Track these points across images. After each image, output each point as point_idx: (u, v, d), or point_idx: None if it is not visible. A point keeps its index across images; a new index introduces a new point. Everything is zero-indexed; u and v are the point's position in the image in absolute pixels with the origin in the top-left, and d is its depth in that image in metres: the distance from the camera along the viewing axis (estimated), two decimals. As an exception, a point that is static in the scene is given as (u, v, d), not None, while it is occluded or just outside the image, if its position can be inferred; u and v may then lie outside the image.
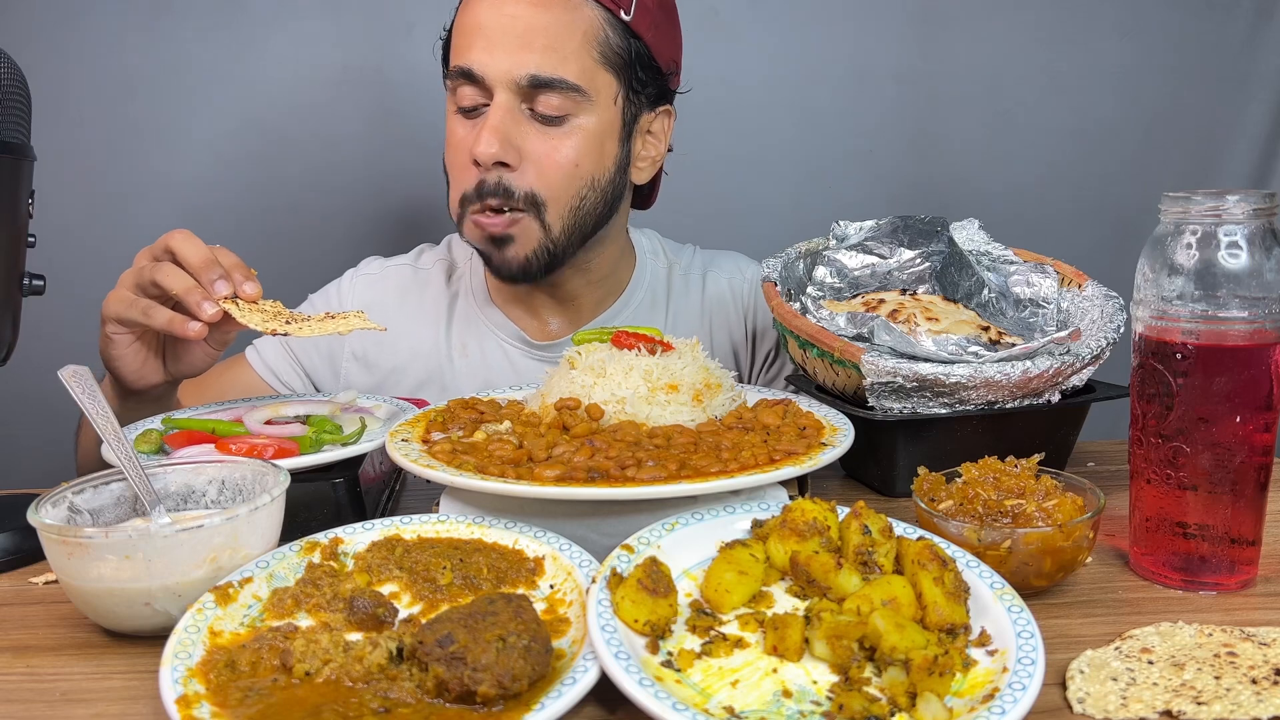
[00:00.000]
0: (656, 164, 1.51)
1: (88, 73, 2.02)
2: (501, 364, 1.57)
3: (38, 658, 0.83)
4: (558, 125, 1.36)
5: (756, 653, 0.74)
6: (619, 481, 0.90)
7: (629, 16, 1.37)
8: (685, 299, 1.64)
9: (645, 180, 1.51)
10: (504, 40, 1.32)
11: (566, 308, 1.57)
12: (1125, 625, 0.83)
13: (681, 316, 1.62)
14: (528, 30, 1.32)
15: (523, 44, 1.32)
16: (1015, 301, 1.32)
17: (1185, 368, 0.88)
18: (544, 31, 1.32)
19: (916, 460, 1.04)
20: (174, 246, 1.16)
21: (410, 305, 1.61)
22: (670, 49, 1.46)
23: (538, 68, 1.32)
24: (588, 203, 1.41)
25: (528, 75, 1.32)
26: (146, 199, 2.07)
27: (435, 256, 1.66)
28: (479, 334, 1.58)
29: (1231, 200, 0.85)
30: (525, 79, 1.32)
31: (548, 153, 1.36)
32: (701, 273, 1.66)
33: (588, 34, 1.35)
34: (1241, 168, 2.23)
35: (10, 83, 1.04)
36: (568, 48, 1.34)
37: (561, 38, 1.33)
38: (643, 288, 1.61)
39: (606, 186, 1.43)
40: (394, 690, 0.70)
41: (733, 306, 1.65)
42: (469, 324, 1.59)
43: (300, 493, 1.01)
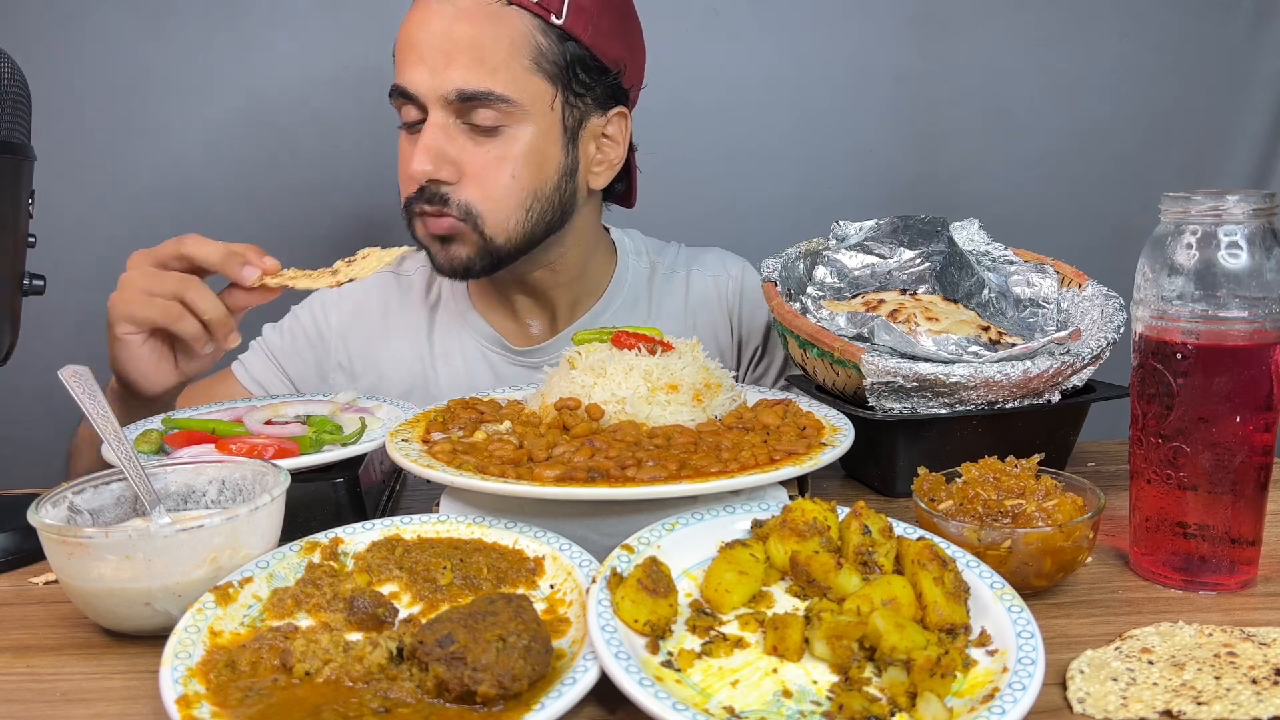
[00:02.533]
0: (615, 167, 1.48)
1: (88, 73, 2.02)
2: (483, 370, 1.56)
3: (38, 658, 0.83)
4: (493, 137, 1.35)
5: (756, 653, 0.74)
6: (619, 481, 0.90)
7: (561, 20, 1.34)
8: (668, 299, 1.63)
9: (602, 185, 1.48)
10: (431, 56, 1.31)
11: (543, 309, 1.57)
12: (1125, 625, 0.83)
13: (664, 317, 1.60)
14: (452, 45, 1.31)
15: (448, 59, 1.31)
16: (1015, 301, 1.32)
17: (1185, 368, 0.88)
18: (468, 45, 1.31)
19: (916, 460, 1.04)
20: (189, 252, 1.18)
21: (393, 313, 1.61)
22: (616, 48, 1.41)
23: (464, 82, 1.31)
24: (533, 213, 1.39)
25: (455, 90, 1.31)
26: (146, 199, 2.07)
27: (416, 263, 1.65)
28: (461, 341, 1.58)
29: (1231, 200, 0.85)
30: (454, 94, 1.31)
31: (484, 166, 1.35)
32: (685, 272, 1.65)
33: (515, 42, 1.33)
34: (1241, 168, 2.23)
35: (10, 83, 1.04)
36: (495, 59, 1.32)
37: (487, 49, 1.31)
38: (624, 288, 1.60)
39: (552, 194, 1.40)
40: (394, 690, 0.70)
41: (717, 306, 1.63)
42: (451, 331, 1.59)
43: (300, 493, 1.01)
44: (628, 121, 1.48)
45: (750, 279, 1.67)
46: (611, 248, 1.63)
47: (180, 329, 1.19)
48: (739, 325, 1.64)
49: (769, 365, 1.64)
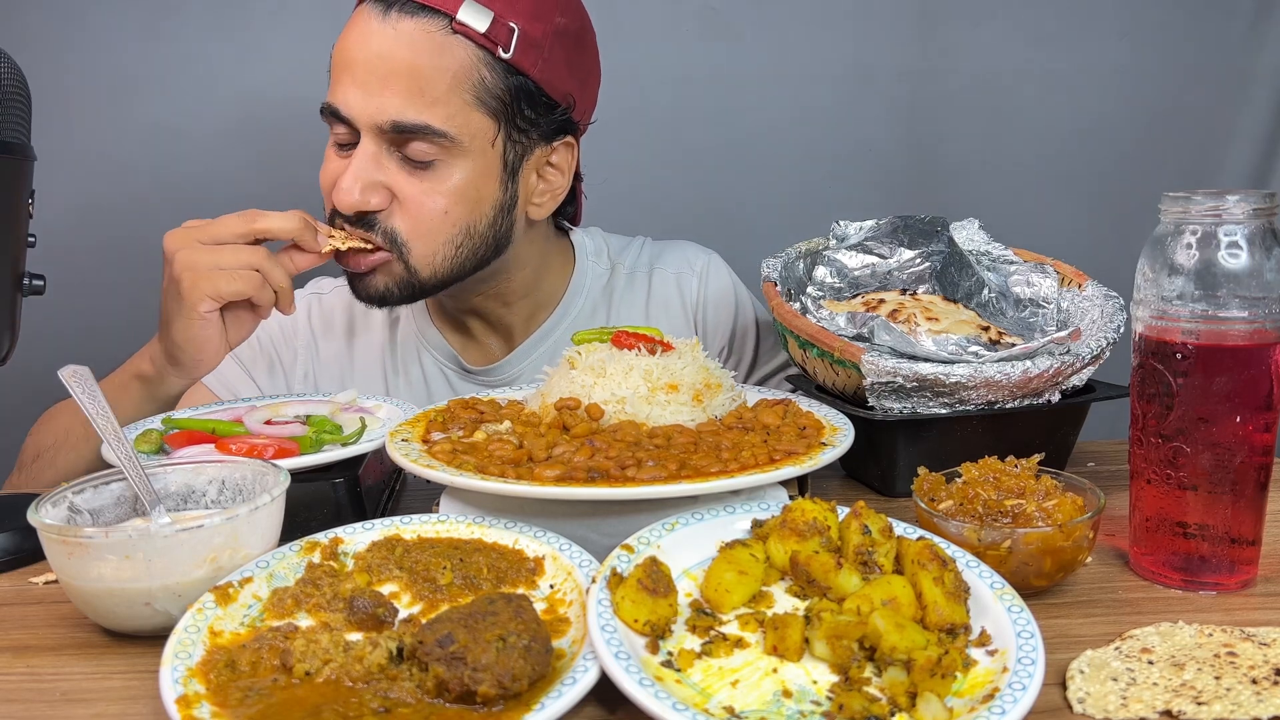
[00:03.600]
0: (559, 197, 1.42)
1: (88, 73, 2.02)
2: (441, 388, 1.54)
3: (38, 658, 0.83)
4: (426, 170, 1.28)
5: (756, 653, 0.74)
6: (619, 481, 0.90)
7: (509, 54, 1.26)
8: (629, 302, 1.57)
9: (544, 215, 1.42)
10: (369, 80, 1.24)
11: (496, 329, 1.53)
12: (1125, 625, 0.83)
13: (623, 322, 1.54)
14: (391, 72, 1.23)
15: (385, 86, 1.23)
16: (1015, 301, 1.32)
17: (1185, 368, 0.88)
18: (409, 74, 1.23)
19: (916, 460, 1.04)
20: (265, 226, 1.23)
21: (357, 326, 1.58)
22: (567, 81, 1.34)
23: (399, 113, 1.23)
24: (463, 249, 1.33)
25: (390, 121, 1.24)
26: (146, 199, 2.07)
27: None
28: (419, 357, 1.55)
29: (1231, 200, 0.85)
30: (388, 124, 1.24)
31: (414, 196, 1.28)
32: (647, 271, 1.59)
33: (459, 76, 1.25)
34: (1241, 168, 2.23)
35: (10, 83, 1.04)
36: (434, 91, 1.24)
37: (428, 81, 1.24)
38: (581, 297, 1.55)
39: (486, 231, 1.34)
40: (394, 690, 0.70)
41: (679, 307, 1.58)
42: (409, 347, 1.55)
43: (300, 493, 1.01)
44: (575, 151, 1.41)
45: (716, 277, 1.61)
46: (569, 252, 1.58)
47: (261, 298, 1.22)
48: (702, 324, 1.59)
49: (738, 363, 1.60)
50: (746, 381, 1.59)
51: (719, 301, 1.60)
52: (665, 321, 1.57)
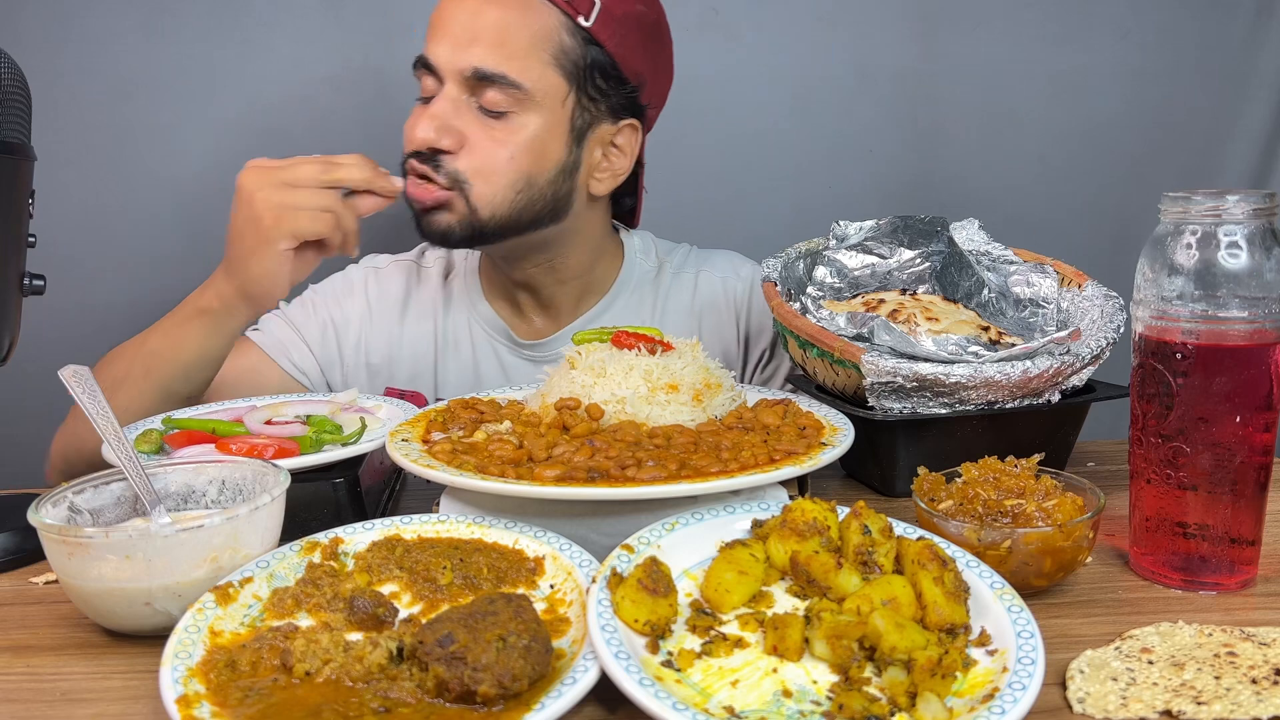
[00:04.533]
0: (619, 177, 1.49)
1: (88, 73, 2.02)
2: (490, 361, 1.60)
3: (38, 658, 0.83)
4: (499, 120, 1.37)
5: (756, 653, 0.74)
6: (619, 481, 0.90)
7: (589, 23, 1.37)
8: (676, 298, 1.63)
9: (603, 191, 1.49)
10: (456, 32, 1.35)
11: (544, 306, 1.59)
12: (1125, 625, 0.83)
13: (671, 316, 1.61)
14: (479, 24, 1.35)
15: (471, 37, 1.35)
16: (1015, 301, 1.32)
17: (1185, 368, 0.88)
18: (494, 26, 1.35)
19: (916, 460, 1.04)
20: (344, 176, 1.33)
21: (410, 300, 1.65)
22: (639, 62, 1.44)
23: (481, 61, 1.34)
24: (522, 198, 1.40)
25: (471, 67, 1.34)
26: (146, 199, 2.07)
27: (436, 255, 1.68)
28: (470, 330, 1.61)
29: (1231, 200, 0.85)
30: (470, 71, 1.34)
31: (484, 141, 1.37)
32: (694, 272, 1.65)
33: (539, 34, 1.36)
34: (1241, 168, 2.23)
35: (10, 83, 1.04)
36: (515, 45, 1.35)
37: (510, 34, 1.35)
38: (629, 288, 1.61)
39: (546, 187, 1.42)
40: (394, 690, 0.70)
41: (725, 307, 1.64)
42: (461, 320, 1.61)
43: (300, 493, 1.01)
44: (639, 136, 1.49)
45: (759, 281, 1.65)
46: (620, 249, 1.64)
47: (333, 239, 1.32)
48: (745, 327, 1.64)
49: (777, 367, 1.64)
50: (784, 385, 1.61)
51: (764, 307, 1.63)
52: (712, 320, 1.64)
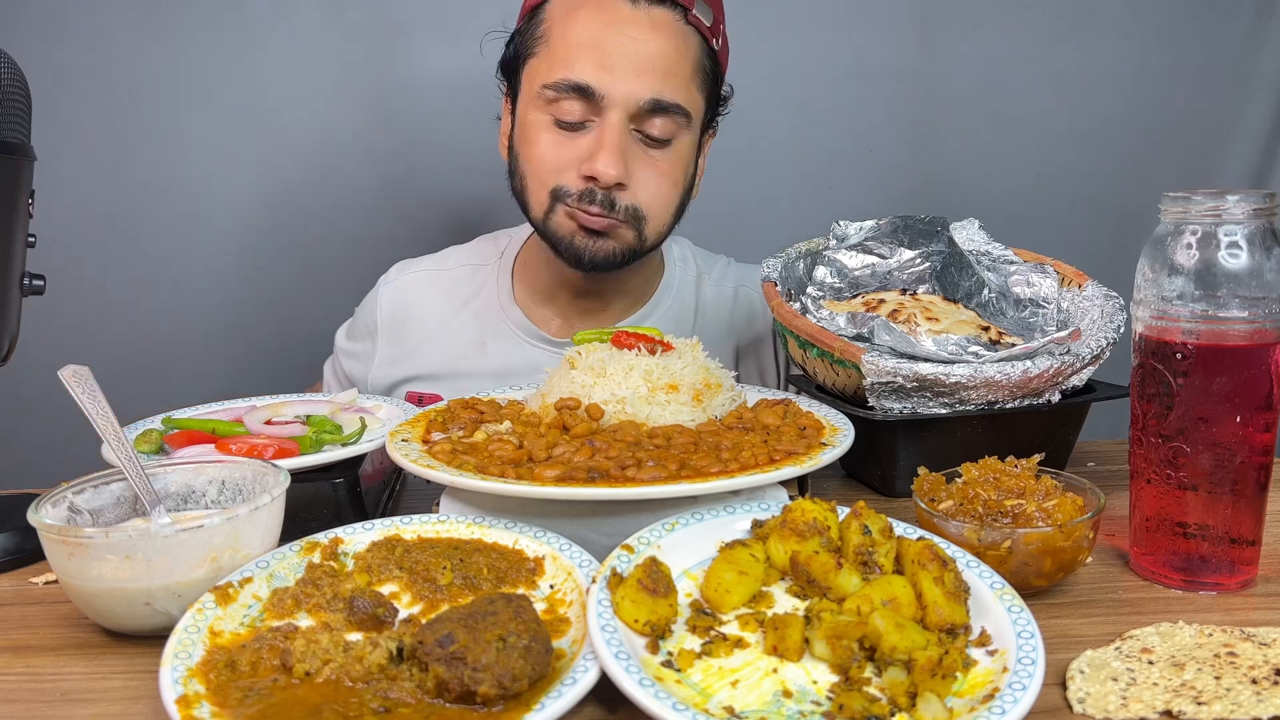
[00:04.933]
0: (700, 184, 1.55)
1: (88, 73, 2.02)
2: (519, 362, 1.58)
3: (38, 658, 0.83)
4: (662, 148, 1.40)
5: (756, 653, 0.74)
6: (619, 481, 0.90)
7: (718, 47, 1.43)
8: (715, 312, 1.64)
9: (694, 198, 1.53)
10: (624, 62, 1.34)
11: (597, 314, 1.58)
12: (1125, 625, 0.83)
13: (709, 330, 1.62)
14: (650, 54, 1.35)
15: (645, 67, 1.34)
16: (1015, 301, 1.32)
17: (1185, 368, 0.88)
18: (663, 56, 1.35)
19: (916, 460, 1.04)
20: None
21: (436, 307, 1.64)
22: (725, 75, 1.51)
23: (659, 92, 1.35)
24: (674, 220, 1.46)
25: (650, 99, 1.35)
26: (146, 199, 2.07)
27: (460, 260, 1.68)
28: (498, 332, 1.60)
29: (1231, 200, 0.85)
30: (647, 102, 1.35)
31: (654, 175, 1.39)
32: (734, 286, 1.67)
33: (693, 60, 1.39)
34: (1241, 168, 2.23)
35: (10, 83, 1.04)
36: (682, 73, 1.38)
37: (677, 63, 1.37)
38: (670, 295, 1.62)
39: (685, 202, 1.48)
40: (394, 690, 0.70)
41: (761, 318, 1.65)
42: (488, 323, 1.60)
43: (300, 493, 1.01)
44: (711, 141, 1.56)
45: None
46: (660, 255, 1.65)
47: None
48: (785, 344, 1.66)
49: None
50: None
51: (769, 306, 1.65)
52: (748, 330, 1.66)
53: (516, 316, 1.59)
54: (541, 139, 1.40)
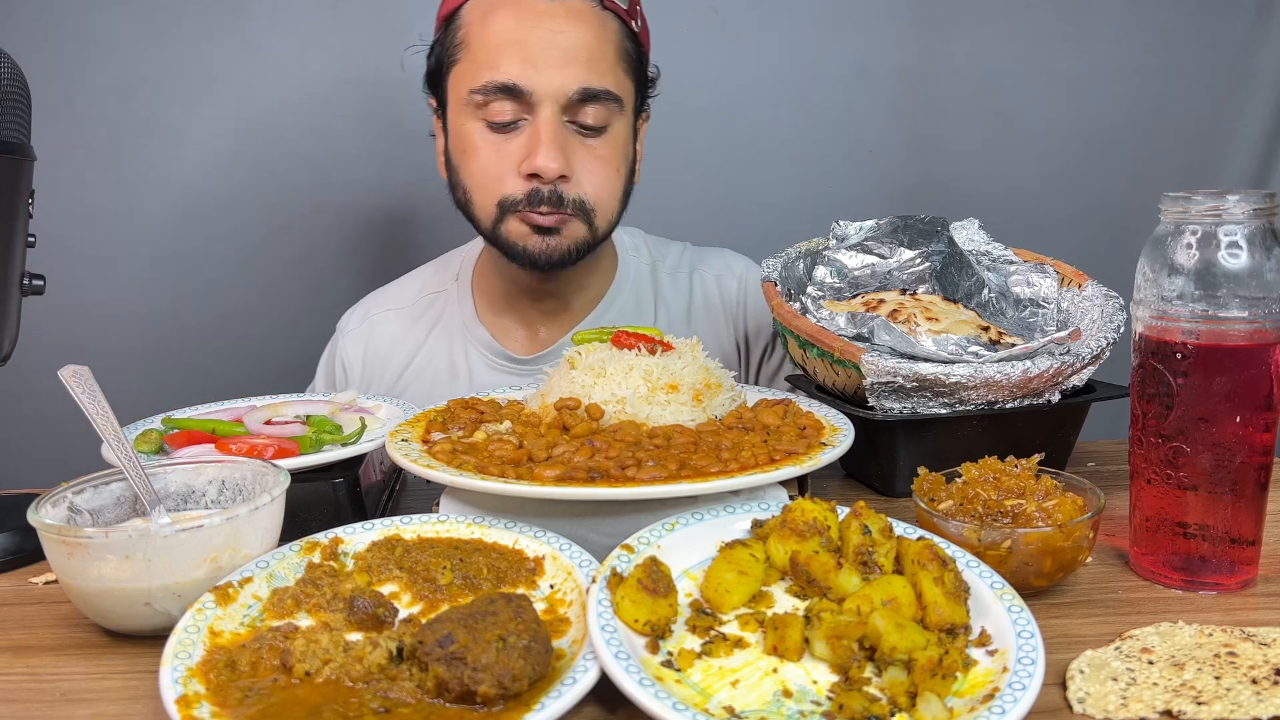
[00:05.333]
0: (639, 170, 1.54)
1: (88, 73, 2.02)
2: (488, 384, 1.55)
3: (38, 658, 0.83)
4: (599, 135, 1.39)
5: (756, 653, 0.74)
6: (619, 481, 0.90)
7: (637, 28, 1.43)
8: (673, 300, 1.63)
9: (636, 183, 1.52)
10: (548, 55, 1.34)
11: (559, 315, 1.57)
12: (1125, 625, 0.83)
13: (667, 317, 1.61)
14: (572, 45, 1.35)
15: (569, 58, 1.34)
16: (1015, 301, 1.32)
17: (1185, 367, 0.88)
18: (586, 45, 1.36)
19: (916, 460, 1.04)
20: None
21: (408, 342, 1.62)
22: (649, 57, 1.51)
23: (586, 81, 1.35)
24: (621, 207, 1.45)
25: (579, 89, 1.35)
26: (146, 199, 2.07)
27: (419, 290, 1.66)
28: (466, 354, 1.58)
29: (1231, 200, 0.85)
30: (576, 92, 1.35)
31: (594, 162, 1.39)
32: (689, 272, 1.66)
33: (615, 43, 1.39)
34: (1241, 168, 2.23)
35: (10, 83, 1.04)
36: (606, 59, 1.38)
37: (600, 49, 1.37)
38: (627, 287, 1.61)
39: (629, 188, 1.47)
40: (394, 690, 0.70)
41: (720, 308, 1.64)
42: (456, 345, 1.59)
43: (300, 493, 1.01)
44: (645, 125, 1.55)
45: (755, 278, 1.66)
46: (613, 246, 1.64)
47: None
48: (744, 325, 1.64)
49: (781, 363, 1.64)
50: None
51: (759, 299, 1.64)
52: (707, 322, 1.63)
53: (482, 335, 1.58)
54: (478, 147, 1.39)
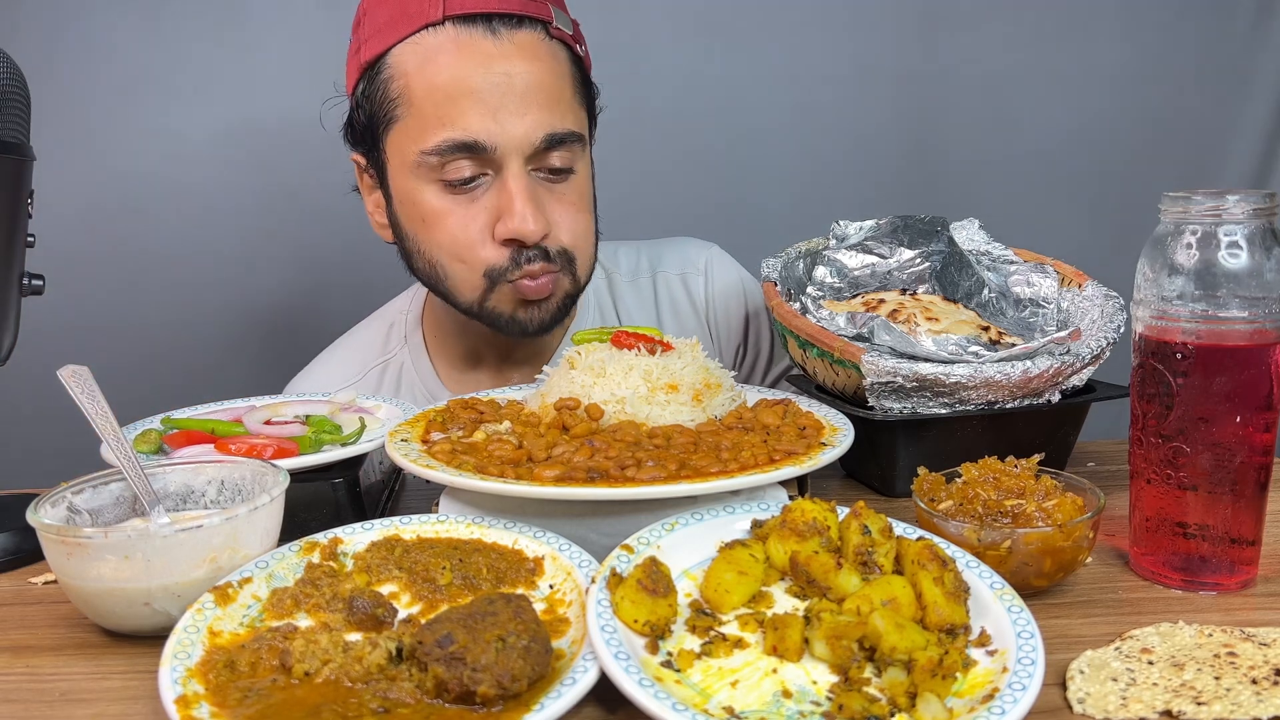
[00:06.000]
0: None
1: (88, 73, 2.02)
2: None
3: (38, 658, 0.83)
4: (565, 179, 1.28)
5: (756, 653, 0.74)
6: (619, 481, 0.90)
7: (582, 53, 1.32)
8: (636, 308, 1.55)
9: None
10: (506, 103, 1.20)
11: (530, 360, 1.47)
12: (1125, 625, 0.83)
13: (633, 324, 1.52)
14: (529, 87, 1.21)
15: (528, 103, 1.21)
16: (1015, 301, 1.32)
17: (1185, 367, 0.88)
18: (543, 86, 1.23)
19: (916, 460, 1.04)
20: None
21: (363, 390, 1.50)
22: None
23: (550, 126, 1.23)
24: (596, 245, 1.36)
25: (544, 136, 1.22)
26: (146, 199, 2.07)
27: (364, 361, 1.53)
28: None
29: (1231, 200, 0.85)
30: (542, 140, 1.23)
31: (565, 210, 1.28)
32: (650, 275, 1.57)
33: (569, 76, 1.28)
34: (1241, 168, 2.23)
35: (10, 82, 1.04)
36: (565, 97, 1.26)
37: (557, 87, 1.25)
38: (589, 311, 1.53)
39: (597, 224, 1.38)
40: (393, 690, 0.70)
41: (689, 308, 1.57)
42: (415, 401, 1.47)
43: (300, 493, 1.01)
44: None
45: (721, 271, 1.58)
46: None
47: None
48: (715, 325, 1.57)
49: (756, 356, 1.58)
50: (769, 373, 1.58)
51: (727, 295, 1.57)
52: (675, 325, 1.55)
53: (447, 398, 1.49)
54: (441, 214, 1.25)
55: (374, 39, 1.27)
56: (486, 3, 1.22)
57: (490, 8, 1.22)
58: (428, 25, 1.22)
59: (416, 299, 1.55)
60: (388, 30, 1.25)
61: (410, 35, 1.23)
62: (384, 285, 1.72)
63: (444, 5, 1.21)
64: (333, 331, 1.73)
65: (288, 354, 2.07)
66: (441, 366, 1.51)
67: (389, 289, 1.71)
